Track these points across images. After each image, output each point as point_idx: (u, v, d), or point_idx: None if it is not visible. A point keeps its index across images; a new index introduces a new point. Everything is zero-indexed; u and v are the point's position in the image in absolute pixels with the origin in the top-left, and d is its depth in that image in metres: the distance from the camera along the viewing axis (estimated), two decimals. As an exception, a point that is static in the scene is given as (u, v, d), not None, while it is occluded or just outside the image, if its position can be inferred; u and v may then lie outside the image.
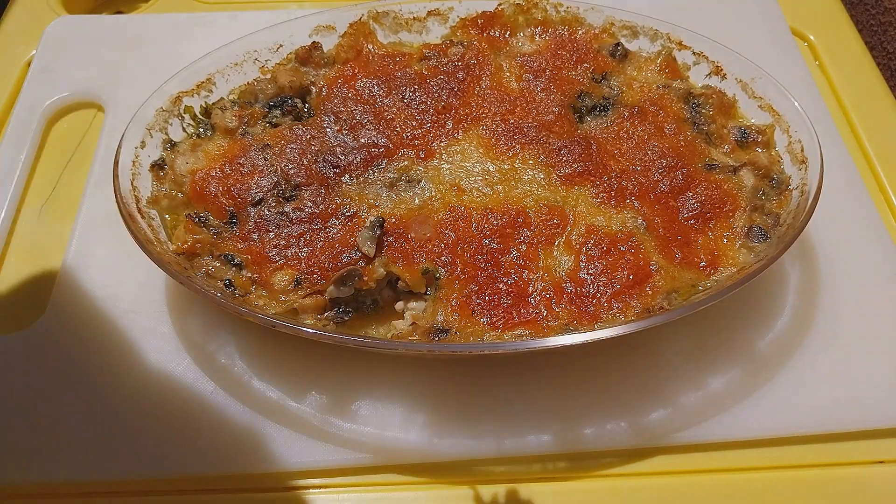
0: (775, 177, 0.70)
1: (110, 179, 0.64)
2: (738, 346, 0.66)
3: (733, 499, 0.58)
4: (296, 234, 0.62)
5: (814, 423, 0.61)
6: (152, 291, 0.68)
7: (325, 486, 0.58)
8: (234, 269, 0.62)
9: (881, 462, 0.60)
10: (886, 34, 0.95)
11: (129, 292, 0.68)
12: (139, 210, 0.64)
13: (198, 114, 0.74)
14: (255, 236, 0.63)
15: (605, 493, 0.58)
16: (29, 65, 0.90)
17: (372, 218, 0.63)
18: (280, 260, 0.61)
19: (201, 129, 0.73)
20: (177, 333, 0.65)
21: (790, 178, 0.69)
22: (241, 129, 0.72)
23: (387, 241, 0.63)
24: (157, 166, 0.68)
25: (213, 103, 0.75)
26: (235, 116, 0.73)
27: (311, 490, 0.58)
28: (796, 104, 0.70)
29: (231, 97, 0.77)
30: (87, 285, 0.69)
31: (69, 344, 0.65)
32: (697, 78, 0.79)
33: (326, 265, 0.60)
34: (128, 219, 0.61)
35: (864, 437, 0.61)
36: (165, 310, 0.67)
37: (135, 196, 0.65)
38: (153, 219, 0.65)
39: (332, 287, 0.59)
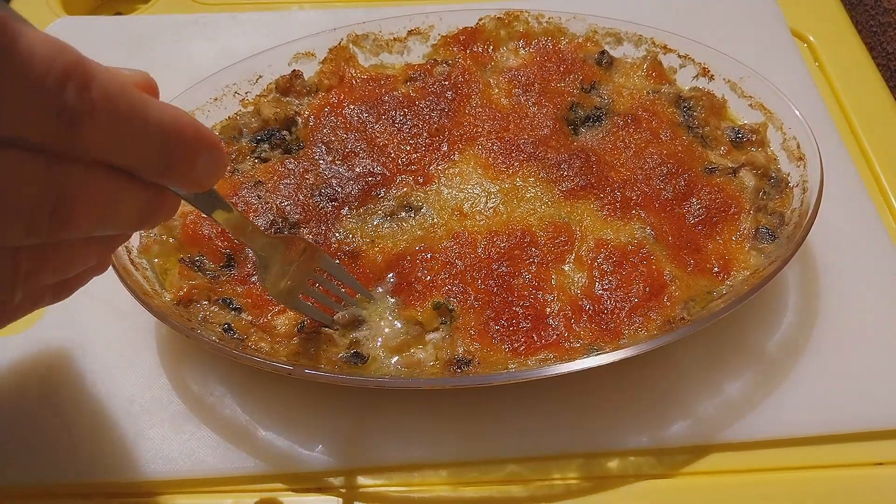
0: (774, 175, 0.70)
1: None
2: (741, 350, 0.65)
3: (731, 500, 0.57)
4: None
5: (813, 424, 0.61)
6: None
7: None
8: (232, 312, 0.59)
9: (880, 464, 0.60)
10: (886, 35, 0.96)
11: (128, 295, 0.65)
12: (132, 262, 0.61)
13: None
14: (254, 278, 0.60)
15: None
16: (29, 66, 0.87)
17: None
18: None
19: (186, 170, 0.70)
20: (176, 336, 0.63)
21: (788, 175, 0.69)
22: (229, 167, 0.70)
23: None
24: (146, 213, 0.65)
25: (195, 142, 0.72)
26: (222, 154, 0.70)
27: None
28: (788, 101, 0.71)
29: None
30: (85, 288, 0.66)
31: (68, 347, 0.63)
32: (685, 81, 0.79)
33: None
34: (122, 273, 0.58)
35: (863, 439, 0.60)
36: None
37: (125, 247, 0.62)
38: (146, 269, 0.63)
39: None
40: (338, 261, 0.63)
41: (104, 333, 0.64)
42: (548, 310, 0.60)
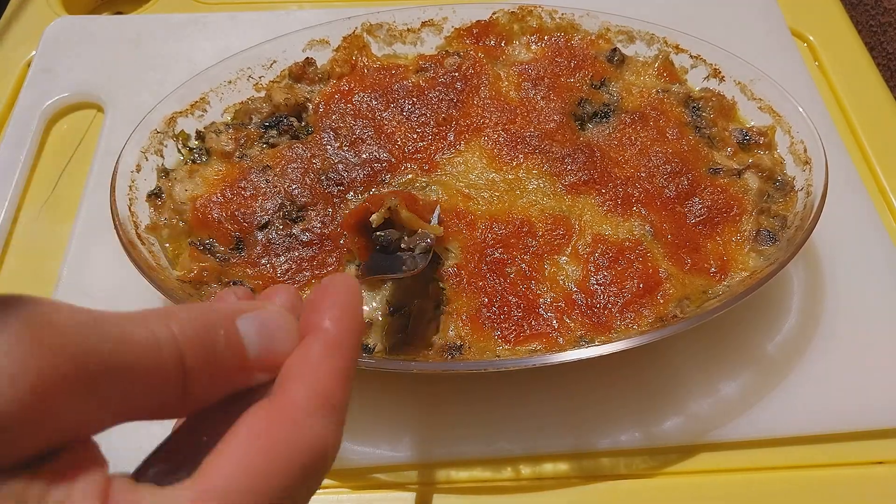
0: (779, 178, 0.69)
1: (109, 182, 0.63)
2: (742, 350, 0.65)
3: (731, 499, 0.58)
4: (307, 257, 0.61)
5: (812, 423, 0.61)
6: (150, 293, 0.66)
7: None
8: None
9: (881, 462, 0.60)
10: (886, 35, 0.95)
11: (129, 295, 0.66)
12: (138, 236, 0.63)
13: (192, 139, 0.73)
14: (264, 261, 0.61)
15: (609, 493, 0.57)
16: (29, 65, 0.89)
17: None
18: (293, 284, 0.59)
19: (195, 156, 0.71)
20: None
21: (794, 179, 0.69)
22: (238, 152, 0.71)
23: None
24: (155, 195, 0.66)
25: (206, 127, 0.73)
26: (231, 139, 0.71)
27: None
28: (797, 105, 0.70)
29: (225, 118, 0.75)
30: (86, 288, 0.68)
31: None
32: (695, 81, 0.79)
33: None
34: (128, 246, 0.60)
35: (864, 438, 0.61)
36: (164, 311, 0.66)
37: (133, 222, 0.63)
38: (153, 244, 0.64)
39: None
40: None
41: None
42: (541, 300, 0.60)
